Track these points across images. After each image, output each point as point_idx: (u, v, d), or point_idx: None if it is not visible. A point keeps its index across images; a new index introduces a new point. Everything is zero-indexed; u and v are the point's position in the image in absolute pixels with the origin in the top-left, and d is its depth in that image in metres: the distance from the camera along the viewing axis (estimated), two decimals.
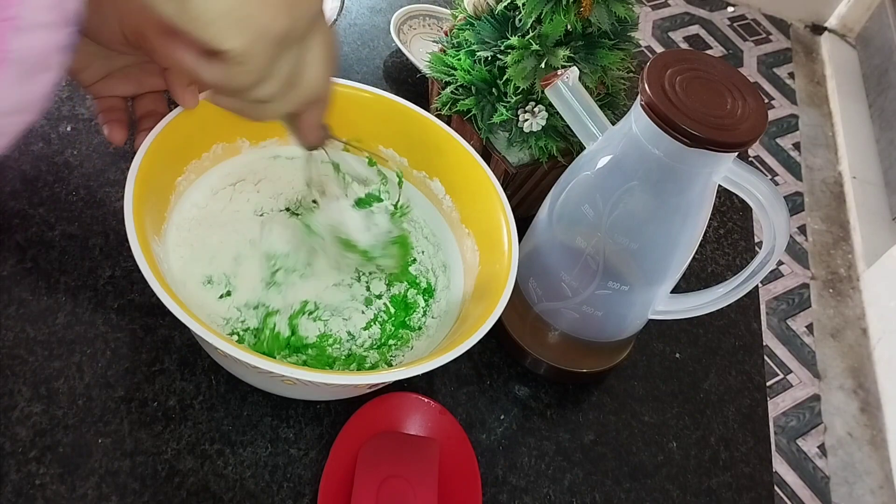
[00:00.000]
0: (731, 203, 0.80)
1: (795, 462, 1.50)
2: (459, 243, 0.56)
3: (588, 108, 0.49)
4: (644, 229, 0.48)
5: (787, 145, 2.12)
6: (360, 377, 0.44)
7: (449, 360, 0.43)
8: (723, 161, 0.45)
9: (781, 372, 1.64)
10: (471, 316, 0.49)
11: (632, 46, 0.59)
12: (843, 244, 1.92)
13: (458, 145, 0.55)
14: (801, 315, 1.75)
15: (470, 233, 0.55)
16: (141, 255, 0.42)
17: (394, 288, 0.55)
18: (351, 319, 0.53)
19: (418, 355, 0.52)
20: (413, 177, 0.58)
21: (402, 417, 0.52)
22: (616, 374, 0.61)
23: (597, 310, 0.53)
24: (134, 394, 0.50)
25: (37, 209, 0.56)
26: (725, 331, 0.68)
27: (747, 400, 0.63)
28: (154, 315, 0.53)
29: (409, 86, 0.76)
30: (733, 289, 0.51)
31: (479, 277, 0.52)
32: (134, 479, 0.47)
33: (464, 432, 0.52)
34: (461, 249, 0.55)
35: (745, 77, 0.46)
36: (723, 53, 2.28)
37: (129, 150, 0.62)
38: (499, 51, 0.58)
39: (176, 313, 0.40)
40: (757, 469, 0.59)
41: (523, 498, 0.53)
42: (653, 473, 0.57)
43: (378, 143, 0.57)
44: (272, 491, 0.48)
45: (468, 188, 0.55)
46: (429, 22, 0.81)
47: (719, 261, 0.74)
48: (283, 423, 0.51)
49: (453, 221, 0.56)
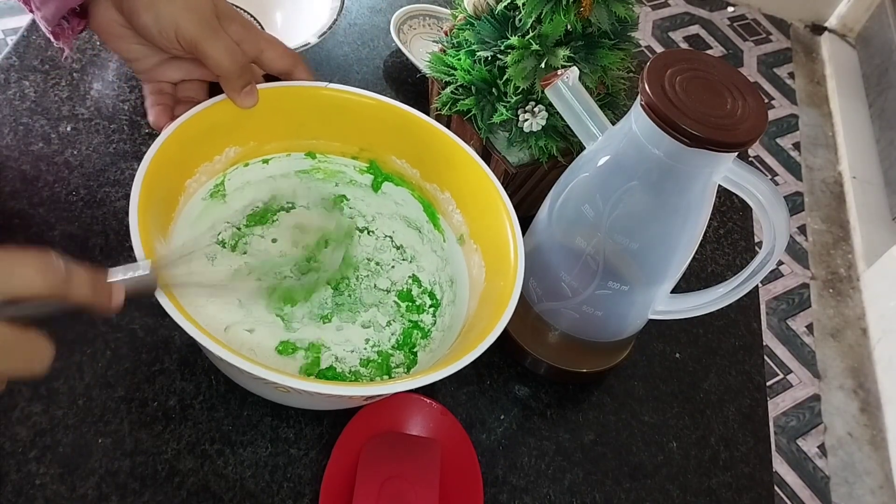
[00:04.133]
0: (731, 203, 0.80)
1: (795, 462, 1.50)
2: (467, 258, 0.55)
3: (588, 108, 0.49)
4: (644, 229, 0.48)
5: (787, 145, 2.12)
6: (355, 389, 0.44)
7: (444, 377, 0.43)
8: (723, 161, 0.45)
9: (781, 372, 1.64)
10: (473, 331, 0.49)
11: (632, 46, 0.59)
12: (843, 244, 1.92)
13: (470, 159, 0.54)
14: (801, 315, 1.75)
15: (478, 248, 0.54)
16: (142, 255, 0.42)
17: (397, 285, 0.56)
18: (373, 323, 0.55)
19: (420, 367, 0.53)
20: (425, 189, 0.58)
21: (403, 418, 0.52)
22: (616, 374, 0.61)
23: (597, 310, 0.53)
24: (134, 394, 0.50)
25: (37, 209, 0.56)
26: (725, 331, 0.68)
27: (747, 400, 0.63)
28: (154, 315, 0.53)
29: (409, 86, 0.76)
30: (733, 289, 0.51)
31: (483, 294, 0.52)
32: (134, 479, 0.47)
33: (465, 433, 0.52)
34: (468, 265, 0.55)
35: (745, 77, 0.46)
36: (723, 53, 2.28)
37: (130, 151, 0.62)
38: (499, 51, 0.58)
39: (174, 315, 0.40)
40: (757, 469, 0.59)
41: (523, 498, 0.53)
42: (653, 473, 0.57)
43: (391, 153, 0.57)
44: (272, 491, 0.48)
45: (478, 203, 0.54)
46: (429, 22, 0.81)
47: (719, 261, 0.74)
48: (283, 423, 0.51)
49: (462, 235, 0.56)
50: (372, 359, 0.53)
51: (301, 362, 0.52)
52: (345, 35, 0.79)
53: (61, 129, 0.62)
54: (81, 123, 0.62)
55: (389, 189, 0.59)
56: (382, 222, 0.60)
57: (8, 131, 0.60)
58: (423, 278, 0.58)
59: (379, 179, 0.58)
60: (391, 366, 0.53)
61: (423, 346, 0.54)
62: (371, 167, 0.58)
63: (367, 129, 0.56)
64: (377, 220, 0.60)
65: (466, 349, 0.44)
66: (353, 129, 0.56)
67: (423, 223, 0.58)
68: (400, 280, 0.58)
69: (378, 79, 0.76)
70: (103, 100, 0.65)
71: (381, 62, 0.78)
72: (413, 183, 0.58)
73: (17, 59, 0.66)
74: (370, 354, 0.54)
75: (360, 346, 0.54)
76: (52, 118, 0.62)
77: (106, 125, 0.63)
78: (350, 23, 0.81)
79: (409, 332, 0.55)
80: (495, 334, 0.45)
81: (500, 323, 0.46)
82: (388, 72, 0.77)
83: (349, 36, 0.79)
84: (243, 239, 0.55)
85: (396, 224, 0.59)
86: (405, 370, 0.53)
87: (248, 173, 0.55)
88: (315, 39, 0.66)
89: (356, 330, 0.55)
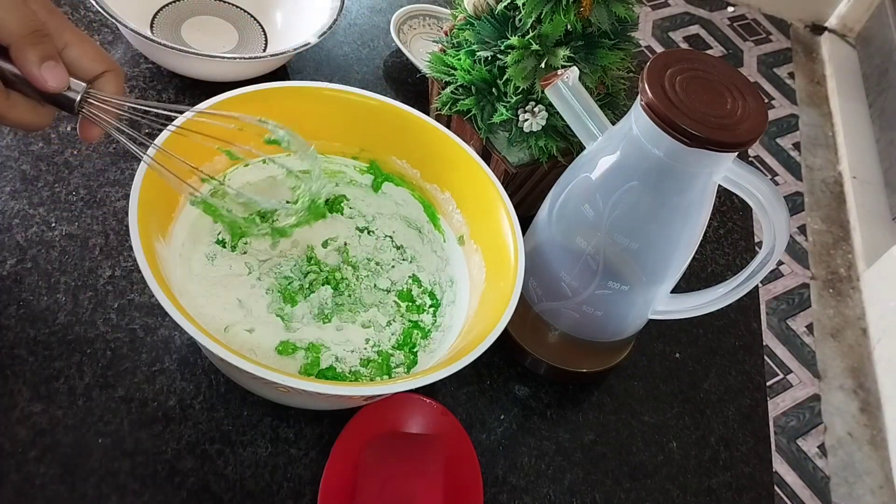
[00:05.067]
0: (731, 203, 0.80)
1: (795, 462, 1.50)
2: (467, 258, 0.55)
3: (588, 108, 0.49)
4: (644, 229, 0.48)
5: (787, 145, 2.12)
6: (355, 389, 0.44)
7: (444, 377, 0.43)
8: (723, 161, 0.45)
9: (781, 372, 1.64)
10: (473, 331, 0.49)
11: (632, 46, 0.59)
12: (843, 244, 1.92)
13: (470, 159, 0.54)
14: (801, 315, 1.75)
15: (478, 248, 0.54)
16: (142, 254, 0.42)
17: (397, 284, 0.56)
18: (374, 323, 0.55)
19: (420, 367, 0.53)
20: (425, 189, 0.58)
21: (403, 418, 0.52)
22: (616, 374, 0.61)
23: (597, 310, 0.53)
24: (134, 394, 0.50)
25: (37, 209, 0.56)
26: (725, 331, 0.68)
27: (747, 400, 0.63)
28: (154, 315, 0.53)
29: (409, 86, 0.76)
30: (733, 289, 0.51)
31: (483, 293, 0.52)
32: (134, 479, 0.47)
33: (466, 434, 0.52)
34: (468, 265, 0.55)
35: (745, 77, 0.46)
36: (723, 53, 2.28)
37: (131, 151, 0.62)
38: (499, 51, 0.58)
39: (174, 315, 0.40)
40: (757, 469, 0.59)
41: (523, 498, 0.53)
42: (653, 473, 0.57)
43: (391, 153, 0.57)
44: (272, 491, 0.48)
45: (478, 203, 0.54)
46: (429, 22, 0.81)
47: (719, 261, 0.74)
48: (283, 423, 0.51)
49: (463, 236, 0.56)
50: (372, 359, 0.53)
51: (301, 362, 0.52)
52: (345, 35, 0.79)
53: (61, 129, 0.62)
54: None
55: (390, 189, 0.59)
56: (383, 222, 0.60)
57: (8, 131, 0.60)
58: (423, 278, 0.58)
59: (379, 180, 0.58)
60: (391, 366, 0.53)
61: (423, 346, 0.54)
62: (371, 167, 0.58)
63: (367, 129, 0.56)
64: (377, 221, 0.60)
65: (466, 349, 0.44)
66: (354, 129, 0.56)
67: (424, 223, 0.58)
68: (400, 280, 0.58)
69: (378, 79, 0.76)
70: None
71: (381, 62, 0.78)
72: (413, 183, 0.58)
73: None
74: (370, 354, 0.54)
75: (360, 346, 0.54)
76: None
77: None
78: (350, 23, 0.81)
79: (409, 332, 0.55)
80: (495, 334, 0.45)
81: (500, 323, 0.46)
82: (388, 72, 0.77)
83: (349, 36, 0.79)
84: (243, 239, 0.55)
85: (397, 224, 0.59)
86: (405, 370, 0.53)
87: (249, 173, 0.55)
88: (315, 39, 0.66)
89: (356, 330, 0.55)
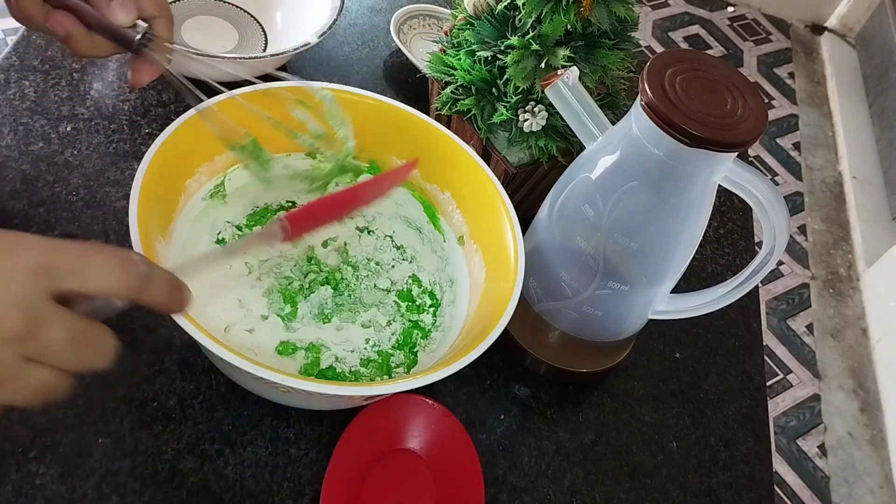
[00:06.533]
0: (731, 203, 0.80)
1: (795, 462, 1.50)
2: (467, 258, 0.55)
3: (588, 108, 0.49)
4: (644, 229, 0.48)
5: (787, 145, 2.12)
6: (355, 389, 0.44)
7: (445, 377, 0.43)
8: (723, 161, 0.45)
9: (781, 372, 1.64)
10: (473, 331, 0.49)
11: (632, 46, 0.59)
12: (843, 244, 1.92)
13: (470, 159, 0.54)
14: (801, 315, 1.75)
15: (478, 248, 0.54)
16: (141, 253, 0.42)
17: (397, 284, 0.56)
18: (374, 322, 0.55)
19: (420, 367, 0.53)
20: (425, 189, 0.58)
21: (404, 420, 0.52)
22: (616, 374, 0.61)
23: (597, 310, 0.53)
24: (134, 394, 0.50)
25: (37, 209, 0.56)
26: (725, 331, 0.68)
27: (747, 400, 0.63)
28: (154, 315, 0.53)
29: (409, 86, 0.76)
30: (733, 289, 0.51)
31: (483, 293, 0.52)
32: (134, 479, 0.47)
33: (467, 435, 0.52)
34: (469, 265, 0.55)
35: (745, 77, 0.46)
36: (723, 53, 2.28)
37: (130, 151, 0.62)
38: (499, 51, 0.58)
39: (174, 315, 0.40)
40: (757, 469, 0.59)
41: (523, 498, 0.53)
42: (653, 473, 0.57)
43: (391, 153, 0.57)
44: (272, 491, 0.48)
45: (478, 203, 0.55)
46: (429, 22, 0.81)
47: (719, 261, 0.74)
48: (283, 423, 0.51)
49: (463, 236, 0.56)
50: (372, 359, 0.53)
51: (301, 362, 0.52)
52: (345, 35, 0.79)
53: (61, 129, 0.62)
54: (81, 123, 0.62)
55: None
56: (383, 222, 0.60)
57: (8, 131, 0.60)
58: (423, 278, 0.58)
59: None
60: (391, 366, 0.53)
61: (424, 346, 0.54)
62: (371, 167, 0.58)
63: (367, 129, 0.56)
64: (377, 220, 0.60)
65: (466, 349, 0.44)
66: (354, 128, 0.56)
67: (424, 223, 0.58)
68: (400, 280, 0.58)
69: (378, 79, 0.76)
70: (103, 100, 0.65)
71: (381, 62, 0.78)
72: (413, 183, 0.58)
73: (17, 59, 0.66)
74: (370, 354, 0.54)
75: (360, 346, 0.54)
76: (52, 118, 0.62)
77: (106, 125, 0.63)
78: (350, 23, 0.81)
79: (409, 331, 0.55)
80: (495, 334, 0.45)
81: (501, 323, 0.46)
82: (388, 72, 0.77)
83: (349, 36, 0.79)
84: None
85: (397, 224, 0.59)
86: (405, 370, 0.53)
87: (249, 173, 0.55)
88: (315, 39, 0.66)
89: (356, 330, 0.55)
